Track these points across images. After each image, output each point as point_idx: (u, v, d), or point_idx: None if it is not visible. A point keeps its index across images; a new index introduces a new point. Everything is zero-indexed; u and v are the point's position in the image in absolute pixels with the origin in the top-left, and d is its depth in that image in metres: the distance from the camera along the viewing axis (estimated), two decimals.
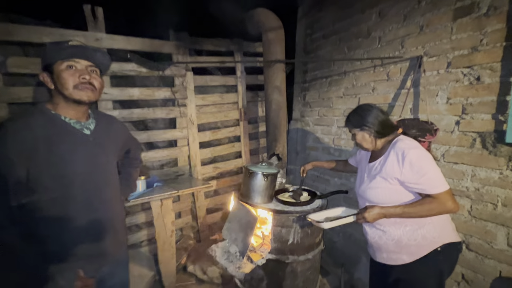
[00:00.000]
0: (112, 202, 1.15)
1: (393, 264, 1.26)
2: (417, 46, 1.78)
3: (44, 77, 0.98)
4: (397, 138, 1.27)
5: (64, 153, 0.96)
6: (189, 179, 2.49)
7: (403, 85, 1.90)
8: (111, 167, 1.16)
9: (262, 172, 1.68)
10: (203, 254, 2.38)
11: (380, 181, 1.25)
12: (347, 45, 2.34)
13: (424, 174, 1.13)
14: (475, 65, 1.49)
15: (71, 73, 0.97)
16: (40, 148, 0.90)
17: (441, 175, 1.15)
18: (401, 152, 1.18)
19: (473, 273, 1.56)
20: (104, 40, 2.01)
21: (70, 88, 0.97)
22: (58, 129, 0.97)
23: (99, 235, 1.07)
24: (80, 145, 1.01)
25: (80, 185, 1.00)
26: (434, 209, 1.14)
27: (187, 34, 2.49)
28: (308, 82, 2.85)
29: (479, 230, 1.52)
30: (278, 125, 2.16)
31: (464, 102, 1.55)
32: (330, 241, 2.63)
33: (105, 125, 1.14)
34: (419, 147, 1.20)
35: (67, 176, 0.97)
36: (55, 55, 0.96)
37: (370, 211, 1.21)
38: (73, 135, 1.01)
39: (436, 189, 1.13)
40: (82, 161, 1.01)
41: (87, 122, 1.07)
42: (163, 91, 2.37)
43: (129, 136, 1.38)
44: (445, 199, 1.13)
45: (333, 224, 1.32)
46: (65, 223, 0.97)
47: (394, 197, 1.23)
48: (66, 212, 0.98)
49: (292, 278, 1.67)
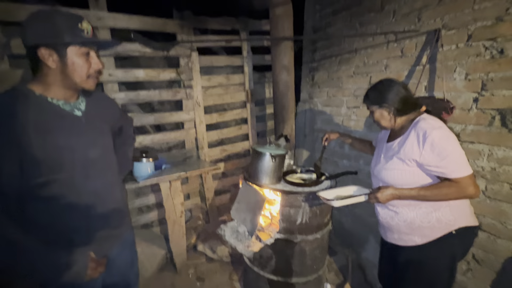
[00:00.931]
0: (115, 184, 1.13)
1: (403, 245, 1.24)
2: (435, 18, 1.67)
3: (45, 55, 0.85)
4: (420, 117, 1.18)
5: (58, 140, 0.88)
6: (197, 161, 2.50)
7: (418, 61, 1.81)
8: (109, 148, 1.11)
9: (270, 153, 1.66)
10: (212, 234, 2.43)
11: (397, 162, 1.19)
12: (359, 21, 2.22)
13: (446, 156, 1.06)
14: (499, 37, 1.39)
15: (87, 61, 0.91)
16: (31, 137, 0.82)
17: (465, 158, 1.08)
18: (422, 133, 1.10)
19: (484, 252, 1.55)
20: (106, 19, 1.96)
21: (84, 76, 0.91)
22: (47, 114, 0.88)
23: (105, 217, 1.05)
24: (73, 129, 0.93)
25: (81, 171, 0.95)
26: (452, 193, 1.08)
27: (191, 12, 2.40)
28: (317, 62, 2.75)
29: (493, 211, 1.49)
30: (286, 106, 2.11)
31: (484, 78, 1.46)
32: (338, 222, 2.65)
33: (96, 103, 1.05)
34: (443, 128, 1.11)
35: (66, 164, 0.90)
36: (71, 36, 0.86)
37: (383, 192, 1.16)
38: (64, 119, 0.92)
39: (458, 172, 1.06)
40: (79, 147, 0.94)
41: (76, 102, 0.98)
42: (168, 72, 2.33)
43: (120, 112, 1.29)
44: (467, 184, 1.06)
45: (343, 202, 1.27)
46: (70, 210, 0.94)
47: (410, 179, 1.17)
48: (71, 199, 0.93)
49: (301, 257, 1.69)
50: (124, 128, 1.31)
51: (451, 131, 1.13)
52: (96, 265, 0.99)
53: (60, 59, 0.87)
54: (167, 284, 2.09)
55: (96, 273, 0.99)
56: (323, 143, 1.76)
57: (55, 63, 0.87)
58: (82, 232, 0.98)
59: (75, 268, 0.93)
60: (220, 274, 2.21)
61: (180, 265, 2.18)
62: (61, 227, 0.94)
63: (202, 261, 2.35)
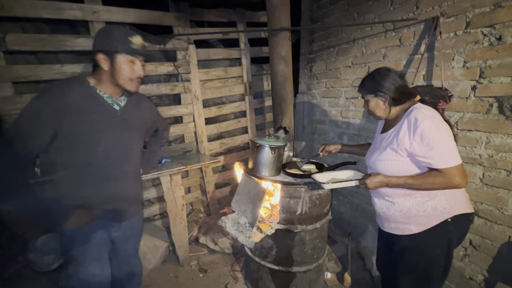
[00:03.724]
0: (130, 175, 1.27)
1: (400, 234, 1.25)
2: (433, 5, 1.65)
3: (101, 58, 1.07)
4: (413, 106, 1.18)
5: (91, 122, 1.08)
6: (197, 155, 2.51)
7: (416, 50, 1.80)
8: (133, 143, 1.25)
9: (269, 145, 1.67)
10: (213, 226, 2.46)
11: (390, 153, 1.19)
12: (356, 10, 2.20)
13: (434, 147, 1.05)
14: (497, 23, 1.38)
15: (131, 67, 1.10)
16: (71, 114, 1.03)
17: (454, 149, 1.08)
18: (413, 122, 1.10)
19: (481, 238, 1.58)
20: (101, 13, 1.94)
21: (127, 79, 1.11)
22: (91, 100, 1.09)
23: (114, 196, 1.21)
24: (107, 117, 1.13)
25: (101, 154, 1.12)
26: (438, 183, 1.08)
27: (187, 4, 2.38)
28: (315, 53, 2.73)
29: (490, 197, 1.51)
30: (284, 97, 2.10)
31: (483, 65, 1.46)
32: (338, 212, 2.68)
33: (135, 104, 1.24)
34: (434, 117, 1.10)
35: (90, 143, 1.09)
36: (123, 47, 1.07)
37: (372, 178, 1.19)
38: (103, 107, 1.12)
39: (444, 163, 1.06)
40: (106, 133, 1.12)
41: (119, 98, 1.18)
42: (165, 66, 2.32)
43: (158, 116, 1.47)
44: (452, 174, 1.06)
45: (334, 186, 1.33)
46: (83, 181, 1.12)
47: (403, 170, 1.17)
48: (86, 174, 1.12)
49: (301, 246, 1.72)
50: (159, 131, 1.52)
51: (449, 119, 1.14)
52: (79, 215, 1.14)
53: (111, 63, 1.09)
54: (170, 275, 2.13)
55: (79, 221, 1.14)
56: (319, 152, 1.79)
57: (107, 66, 1.09)
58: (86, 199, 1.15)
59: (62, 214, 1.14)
60: (222, 265, 2.25)
61: (182, 257, 2.22)
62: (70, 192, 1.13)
63: (204, 253, 2.38)
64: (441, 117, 1.13)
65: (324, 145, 1.79)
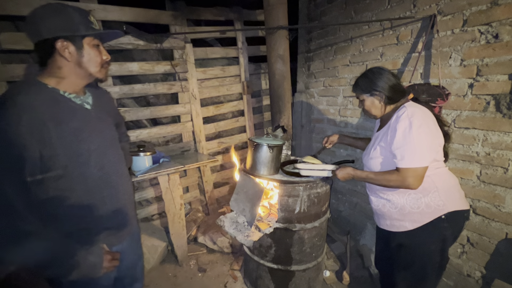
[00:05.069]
0: (126, 175, 1.16)
1: (396, 231, 1.26)
2: (430, 4, 1.66)
3: (62, 47, 0.86)
4: (404, 104, 1.19)
5: (74, 131, 0.92)
6: (195, 155, 2.50)
7: (413, 48, 1.80)
8: (116, 141, 1.13)
9: (268, 144, 1.67)
10: (212, 226, 2.46)
11: (379, 150, 1.23)
12: (354, 8, 2.20)
13: (401, 146, 1.09)
14: (494, 21, 1.39)
15: (98, 52, 0.96)
16: (50, 128, 0.84)
17: (422, 151, 1.08)
18: (397, 119, 1.14)
19: (478, 235, 1.59)
20: (97, 11, 1.91)
21: (98, 67, 0.96)
22: (62, 107, 0.91)
23: (120, 208, 1.07)
24: (85, 121, 0.97)
25: (96, 161, 0.98)
26: (393, 181, 1.14)
27: (184, 3, 2.36)
28: (313, 52, 2.73)
29: (487, 195, 1.52)
30: (282, 96, 2.10)
31: (479, 63, 1.47)
32: (336, 211, 2.68)
33: (100, 98, 1.09)
34: (417, 117, 1.10)
35: (82, 154, 0.93)
36: (85, 27, 0.90)
37: (342, 170, 1.33)
38: (77, 112, 0.95)
39: (403, 162, 1.10)
40: (93, 138, 0.97)
41: (85, 96, 1.02)
42: (162, 65, 2.30)
43: (117, 109, 1.33)
44: (406, 175, 1.09)
45: (309, 172, 1.52)
46: (87, 200, 0.97)
47: (391, 167, 1.19)
48: (87, 189, 0.96)
49: (300, 245, 1.72)
50: (120, 125, 1.31)
51: (446, 117, 1.14)
52: (112, 257, 0.99)
53: (77, 51, 0.90)
54: (169, 275, 2.12)
55: (111, 266, 0.99)
56: (323, 144, 1.78)
57: (71, 55, 0.89)
58: (99, 222, 1.00)
59: (92, 261, 0.93)
60: (221, 264, 2.24)
61: (181, 256, 2.21)
62: (79, 218, 0.96)
63: (203, 252, 2.38)
64: (430, 117, 1.15)
65: (328, 137, 1.78)
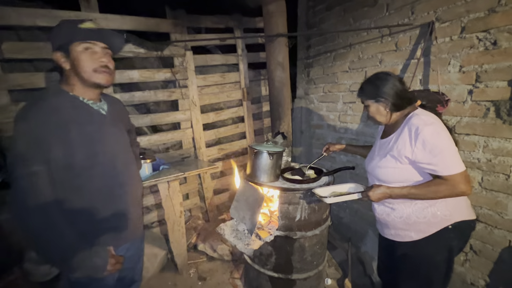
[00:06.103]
0: (137, 177, 1.23)
1: (400, 241, 1.23)
2: (429, 11, 1.67)
3: (58, 57, 0.96)
4: (413, 112, 1.16)
5: (92, 133, 1.00)
6: (195, 161, 2.50)
7: (412, 55, 1.81)
8: (128, 145, 1.20)
9: (267, 150, 1.66)
10: (212, 233, 2.44)
11: (390, 160, 1.17)
12: (352, 16, 2.22)
13: (438, 154, 1.04)
14: (492, 28, 1.39)
15: (89, 56, 0.97)
16: (71, 130, 0.93)
17: (457, 155, 1.06)
18: (414, 129, 1.08)
19: (481, 243, 1.56)
20: (98, 21, 1.93)
21: (90, 71, 0.98)
22: (82, 111, 1.00)
23: (129, 208, 1.12)
24: (101, 125, 1.05)
25: (110, 163, 1.05)
26: (443, 191, 1.06)
27: (184, 11, 2.39)
28: (312, 58, 2.75)
29: (489, 201, 1.50)
30: (282, 103, 2.10)
31: (478, 70, 1.47)
32: (337, 217, 2.66)
33: (113, 106, 1.17)
34: (435, 124, 1.08)
35: (98, 154, 1.00)
36: (71, 35, 0.95)
37: (375, 190, 1.16)
38: (94, 116, 1.04)
39: (449, 170, 1.04)
40: (107, 140, 1.05)
41: (101, 103, 1.10)
42: (163, 72, 2.32)
43: (129, 117, 1.40)
44: (457, 181, 1.03)
45: (336, 199, 1.31)
46: (99, 199, 1.03)
47: (404, 177, 1.16)
48: (99, 188, 1.02)
49: (300, 253, 1.70)
50: (131, 132, 1.41)
51: (446, 124, 1.13)
52: (115, 261, 1.03)
53: (66, 58, 0.96)
54: (169, 284, 2.10)
55: (114, 269, 1.02)
56: (323, 152, 1.77)
57: (66, 63, 0.97)
58: (109, 220, 1.05)
59: (97, 262, 0.97)
60: (221, 273, 2.22)
61: (181, 264, 2.19)
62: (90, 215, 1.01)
63: (203, 260, 2.35)
64: (442, 123, 1.12)
65: (328, 145, 1.77)
